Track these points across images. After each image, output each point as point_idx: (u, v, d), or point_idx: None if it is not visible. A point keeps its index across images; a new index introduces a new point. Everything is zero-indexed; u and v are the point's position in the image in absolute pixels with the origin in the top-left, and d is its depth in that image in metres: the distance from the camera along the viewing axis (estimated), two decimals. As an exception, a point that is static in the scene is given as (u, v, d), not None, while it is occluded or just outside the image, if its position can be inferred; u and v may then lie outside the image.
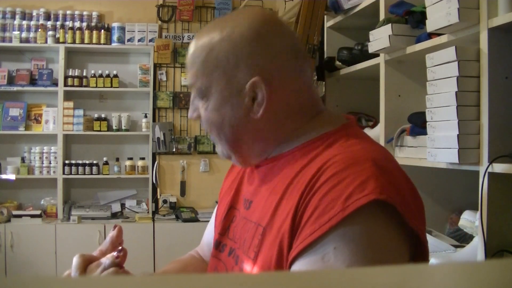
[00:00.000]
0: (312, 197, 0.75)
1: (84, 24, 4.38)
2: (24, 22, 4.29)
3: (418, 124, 1.83)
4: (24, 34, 4.28)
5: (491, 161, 1.44)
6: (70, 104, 4.32)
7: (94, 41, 4.36)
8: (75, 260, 0.84)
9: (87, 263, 0.84)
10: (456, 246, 1.75)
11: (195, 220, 4.16)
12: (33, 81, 4.31)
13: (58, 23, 4.34)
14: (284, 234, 0.78)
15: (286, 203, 0.80)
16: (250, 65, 0.85)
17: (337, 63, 2.61)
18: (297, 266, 0.74)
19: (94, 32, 4.35)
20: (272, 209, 0.83)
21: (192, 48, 0.90)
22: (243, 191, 0.99)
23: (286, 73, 0.87)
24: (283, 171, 0.86)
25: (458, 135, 1.50)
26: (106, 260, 0.84)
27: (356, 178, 0.72)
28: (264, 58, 0.86)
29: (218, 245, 0.99)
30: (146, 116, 4.45)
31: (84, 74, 4.39)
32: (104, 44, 4.38)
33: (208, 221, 1.16)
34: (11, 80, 4.29)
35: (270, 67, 0.86)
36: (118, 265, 0.83)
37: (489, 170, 1.45)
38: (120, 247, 0.85)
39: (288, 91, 0.88)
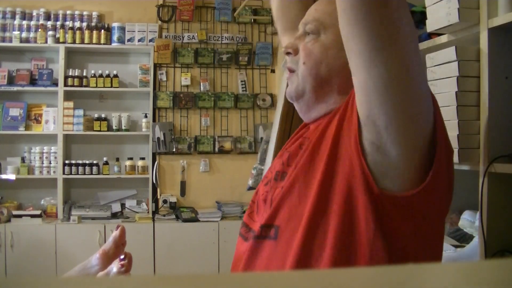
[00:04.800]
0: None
1: (84, 24, 4.37)
2: (24, 22, 4.29)
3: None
4: (24, 34, 4.28)
5: (491, 161, 1.44)
6: (70, 104, 4.31)
7: (94, 41, 4.36)
8: None
9: None
10: (456, 246, 1.75)
11: (195, 220, 4.15)
12: (33, 81, 4.31)
13: (58, 23, 4.34)
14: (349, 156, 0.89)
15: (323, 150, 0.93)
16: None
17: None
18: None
19: (94, 32, 4.35)
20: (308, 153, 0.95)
21: None
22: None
23: None
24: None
25: (458, 135, 1.50)
26: (113, 267, 0.84)
27: None
28: None
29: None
30: (146, 116, 4.45)
31: (84, 74, 4.39)
32: (104, 44, 4.37)
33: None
34: (11, 80, 4.29)
35: None
36: (124, 273, 0.83)
37: (489, 170, 1.45)
38: (123, 255, 0.85)
39: None
